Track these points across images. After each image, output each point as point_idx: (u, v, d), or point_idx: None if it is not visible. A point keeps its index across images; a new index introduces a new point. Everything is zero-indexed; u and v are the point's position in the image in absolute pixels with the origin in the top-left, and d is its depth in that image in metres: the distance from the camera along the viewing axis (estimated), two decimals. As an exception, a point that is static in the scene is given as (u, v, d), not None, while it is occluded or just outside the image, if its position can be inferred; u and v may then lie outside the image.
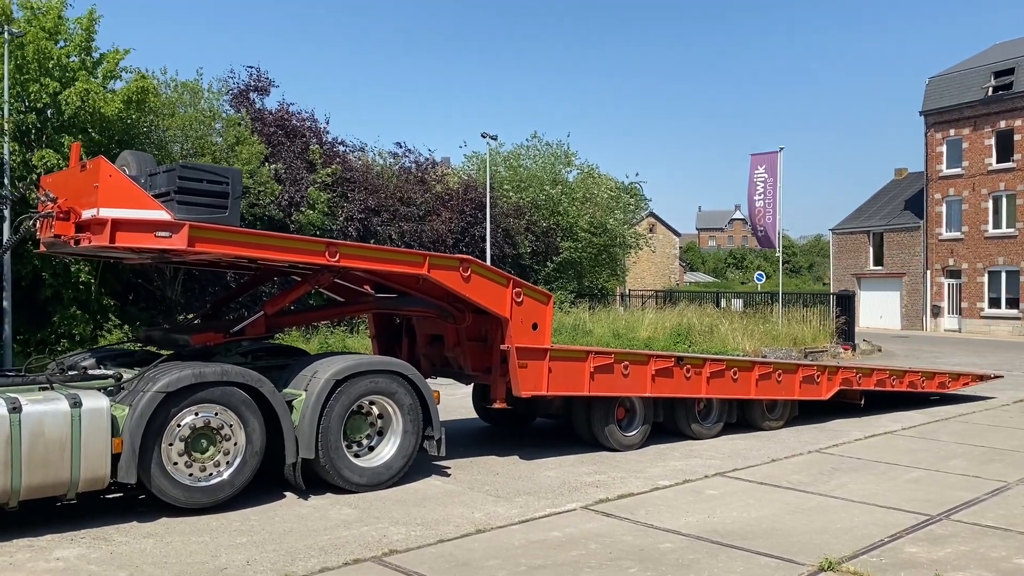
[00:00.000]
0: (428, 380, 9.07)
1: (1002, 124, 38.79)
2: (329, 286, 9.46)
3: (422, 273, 8.21)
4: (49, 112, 16.43)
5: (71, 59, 16.67)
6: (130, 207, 6.66)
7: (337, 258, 7.65)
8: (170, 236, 6.73)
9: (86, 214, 6.81)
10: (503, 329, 8.77)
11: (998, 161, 39.04)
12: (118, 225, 6.62)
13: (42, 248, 8.04)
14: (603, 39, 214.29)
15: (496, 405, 9.37)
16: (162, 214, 6.75)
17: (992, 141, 39.30)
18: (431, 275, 8.23)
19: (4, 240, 11.77)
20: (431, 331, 10.02)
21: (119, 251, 7.20)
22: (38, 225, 7.46)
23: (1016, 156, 38.22)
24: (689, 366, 10.30)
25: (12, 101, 15.86)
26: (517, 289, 8.83)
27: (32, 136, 16.36)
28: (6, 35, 15.46)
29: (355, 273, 8.77)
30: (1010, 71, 39.16)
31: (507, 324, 8.69)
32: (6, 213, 14.46)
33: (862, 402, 12.84)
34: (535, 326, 8.92)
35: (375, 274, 8.61)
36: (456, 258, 8.61)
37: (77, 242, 6.96)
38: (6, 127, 15.44)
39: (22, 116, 15.95)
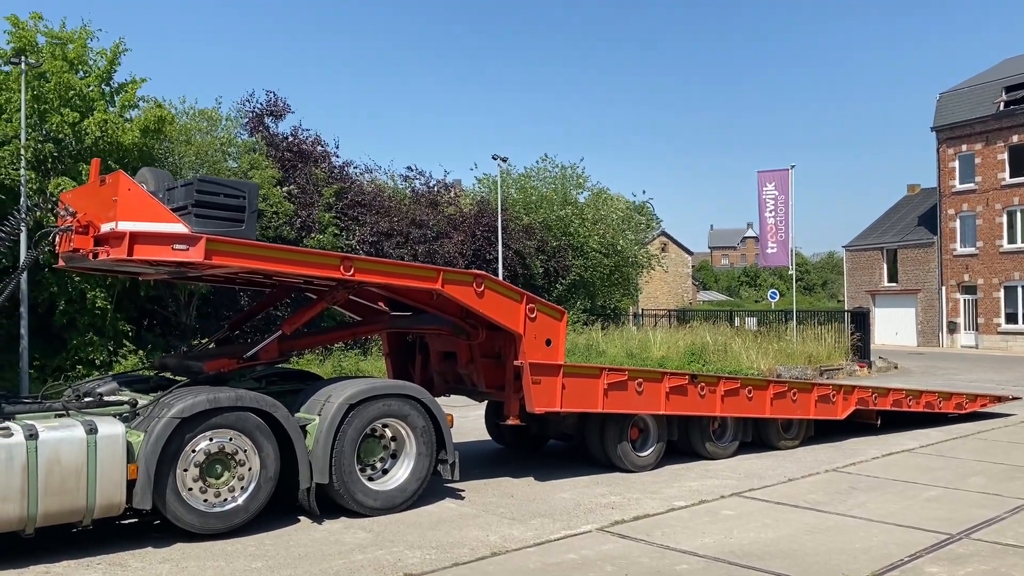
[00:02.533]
0: (441, 398, 9.04)
1: (1015, 139, 38.64)
2: (344, 303, 9.49)
3: (436, 288, 8.21)
4: (67, 140, 16.64)
5: (90, 89, 16.91)
6: (148, 220, 6.71)
7: (352, 272, 7.66)
8: (187, 249, 6.78)
9: (105, 227, 6.86)
10: (516, 345, 8.76)
11: (1011, 176, 38.85)
12: (136, 238, 6.66)
13: (60, 263, 8.09)
14: (613, 61, 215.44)
15: (509, 422, 9.35)
16: (179, 227, 6.80)
17: (1005, 156, 39.13)
18: (445, 290, 8.23)
19: (21, 262, 11.89)
20: (444, 348, 10.03)
21: (136, 264, 7.24)
22: (57, 240, 7.53)
23: (1029, 170, 38.05)
24: (703, 384, 10.25)
25: (30, 131, 16.08)
26: (531, 305, 8.83)
27: (49, 164, 16.57)
28: (23, 66, 15.69)
29: (370, 289, 8.78)
30: (1021, 86, 39.06)
31: (521, 340, 8.68)
32: (22, 231, 14.67)
33: (878, 422, 12.74)
34: (548, 342, 8.91)
35: (390, 289, 8.62)
36: (470, 273, 8.61)
37: (95, 255, 7.00)
38: (24, 155, 15.63)
39: (40, 145, 16.15)
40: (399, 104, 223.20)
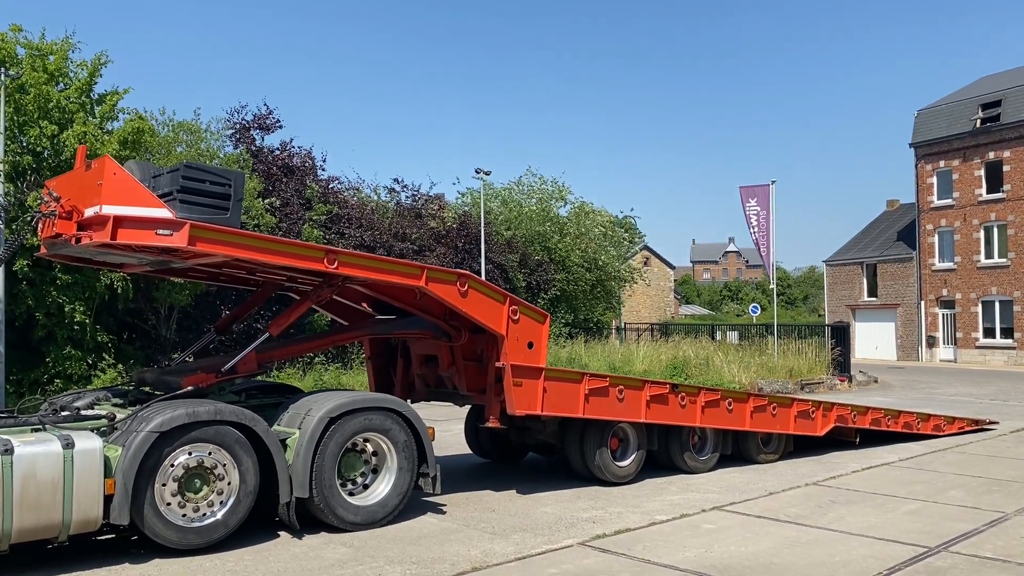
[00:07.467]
0: (423, 410, 8.99)
1: (991, 155, 39.18)
2: (328, 303, 9.46)
3: (420, 285, 8.17)
4: (46, 153, 16.51)
5: (70, 101, 16.79)
6: (133, 204, 6.64)
7: (336, 265, 7.62)
8: (171, 234, 6.71)
9: (89, 212, 6.79)
10: (499, 346, 8.74)
11: (988, 192, 39.40)
12: (120, 222, 6.59)
13: (43, 250, 7.99)
14: (596, 77, 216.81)
15: (490, 424, 9.30)
16: (164, 212, 6.74)
17: (982, 172, 39.67)
18: (429, 288, 8.20)
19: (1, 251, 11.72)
20: (426, 352, 10.01)
21: (119, 250, 7.16)
22: (40, 226, 7.43)
23: (1006, 187, 38.57)
24: (684, 394, 10.27)
25: (8, 143, 15.95)
26: (514, 307, 8.82)
27: (28, 177, 16.42)
28: (3, 78, 15.58)
29: (353, 287, 8.75)
30: (997, 103, 39.67)
31: (503, 341, 8.67)
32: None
33: (856, 440, 12.79)
34: (531, 345, 8.91)
35: (373, 286, 8.58)
36: (454, 272, 8.60)
37: (78, 240, 6.90)
38: (2, 168, 15.50)
39: (17, 158, 16.02)
40: (382, 118, 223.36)
